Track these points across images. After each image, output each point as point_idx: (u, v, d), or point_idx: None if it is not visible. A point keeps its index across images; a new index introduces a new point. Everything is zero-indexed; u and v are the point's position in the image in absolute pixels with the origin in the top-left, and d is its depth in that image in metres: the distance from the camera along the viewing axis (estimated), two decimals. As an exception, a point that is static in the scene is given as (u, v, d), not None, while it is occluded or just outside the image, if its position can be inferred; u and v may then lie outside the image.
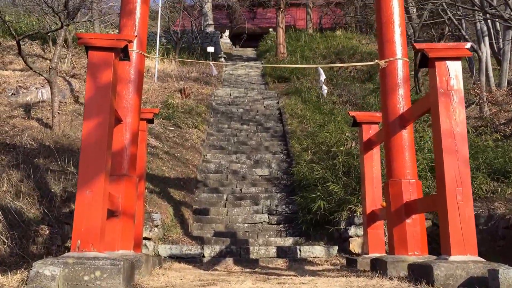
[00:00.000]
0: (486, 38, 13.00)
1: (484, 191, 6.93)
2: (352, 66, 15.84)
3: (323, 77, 7.88)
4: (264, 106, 15.58)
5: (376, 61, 5.13)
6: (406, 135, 5.01)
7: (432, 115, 4.21)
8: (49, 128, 10.42)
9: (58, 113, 10.51)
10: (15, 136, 9.44)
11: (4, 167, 7.55)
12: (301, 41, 24.81)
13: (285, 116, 14.13)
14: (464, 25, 14.19)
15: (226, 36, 30.19)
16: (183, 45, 23.32)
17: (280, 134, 13.10)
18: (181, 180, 10.06)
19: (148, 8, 5.53)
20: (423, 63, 4.25)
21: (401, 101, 5.03)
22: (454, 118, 4.01)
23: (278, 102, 15.74)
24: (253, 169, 10.95)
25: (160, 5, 19.21)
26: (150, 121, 6.74)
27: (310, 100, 15.15)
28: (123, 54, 4.51)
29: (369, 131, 6.19)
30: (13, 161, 8.03)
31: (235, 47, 30.72)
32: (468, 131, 5.68)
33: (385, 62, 5.08)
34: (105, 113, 4.15)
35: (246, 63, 22.78)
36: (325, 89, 8.82)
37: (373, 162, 6.13)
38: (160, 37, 18.94)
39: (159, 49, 18.27)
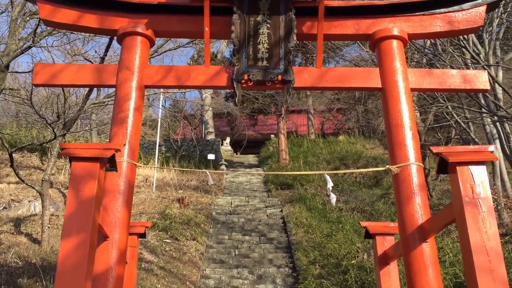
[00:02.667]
0: (497, 141, 12.59)
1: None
2: (361, 172, 15.48)
3: (330, 184, 7.45)
4: (267, 215, 14.93)
5: (387, 166, 4.70)
6: (428, 249, 4.40)
7: (458, 228, 3.67)
8: (37, 243, 9.81)
9: (48, 227, 9.96)
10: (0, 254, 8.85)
11: (-18, 290, 6.92)
12: (304, 147, 24.73)
13: (289, 226, 13.45)
14: (472, 128, 13.94)
15: (227, 143, 30.31)
16: (183, 153, 23.26)
17: (284, 246, 12.32)
18: (177, 299, 9.23)
19: (141, 115, 5.21)
20: (441, 168, 3.80)
21: (419, 211, 4.49)
22: (485, 231, 3.46)
23: (281, 211, 15.13)
24: (256, 285, 10.08)
25: (160, 115, 19.37)
26: (142, 235, 6.18)
27: (316, 207, 14.54)
28: (110, 164, 4.11)
29: (384, 244, 5.56)
30: (-6, 283, 7.41)
31: (236, 154, 30.73)
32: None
33: (397, 167, 4.64)
34: (86, 232, 3.63)
35: (247, 170, 22.54)
36: (333, 197, 8.35)
37: (391, 279, 5.43)
38: (160, 145, 18.90)
39: (158, 158, 18.10)
